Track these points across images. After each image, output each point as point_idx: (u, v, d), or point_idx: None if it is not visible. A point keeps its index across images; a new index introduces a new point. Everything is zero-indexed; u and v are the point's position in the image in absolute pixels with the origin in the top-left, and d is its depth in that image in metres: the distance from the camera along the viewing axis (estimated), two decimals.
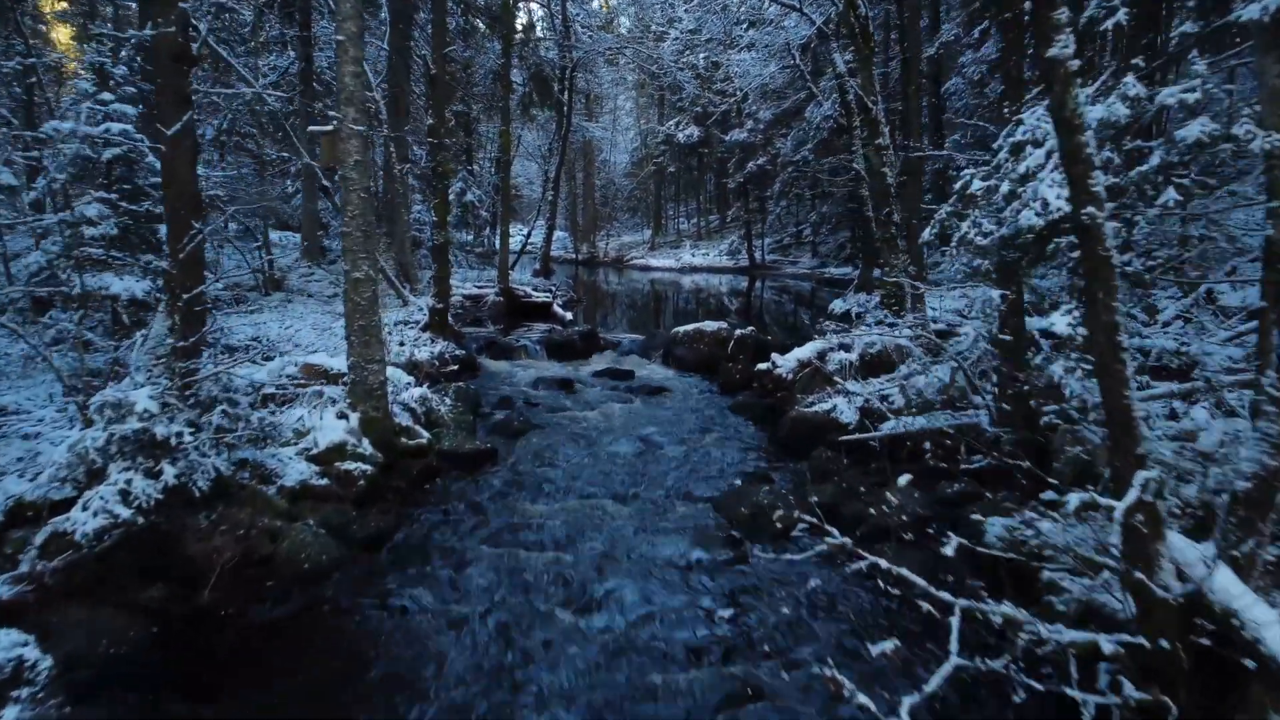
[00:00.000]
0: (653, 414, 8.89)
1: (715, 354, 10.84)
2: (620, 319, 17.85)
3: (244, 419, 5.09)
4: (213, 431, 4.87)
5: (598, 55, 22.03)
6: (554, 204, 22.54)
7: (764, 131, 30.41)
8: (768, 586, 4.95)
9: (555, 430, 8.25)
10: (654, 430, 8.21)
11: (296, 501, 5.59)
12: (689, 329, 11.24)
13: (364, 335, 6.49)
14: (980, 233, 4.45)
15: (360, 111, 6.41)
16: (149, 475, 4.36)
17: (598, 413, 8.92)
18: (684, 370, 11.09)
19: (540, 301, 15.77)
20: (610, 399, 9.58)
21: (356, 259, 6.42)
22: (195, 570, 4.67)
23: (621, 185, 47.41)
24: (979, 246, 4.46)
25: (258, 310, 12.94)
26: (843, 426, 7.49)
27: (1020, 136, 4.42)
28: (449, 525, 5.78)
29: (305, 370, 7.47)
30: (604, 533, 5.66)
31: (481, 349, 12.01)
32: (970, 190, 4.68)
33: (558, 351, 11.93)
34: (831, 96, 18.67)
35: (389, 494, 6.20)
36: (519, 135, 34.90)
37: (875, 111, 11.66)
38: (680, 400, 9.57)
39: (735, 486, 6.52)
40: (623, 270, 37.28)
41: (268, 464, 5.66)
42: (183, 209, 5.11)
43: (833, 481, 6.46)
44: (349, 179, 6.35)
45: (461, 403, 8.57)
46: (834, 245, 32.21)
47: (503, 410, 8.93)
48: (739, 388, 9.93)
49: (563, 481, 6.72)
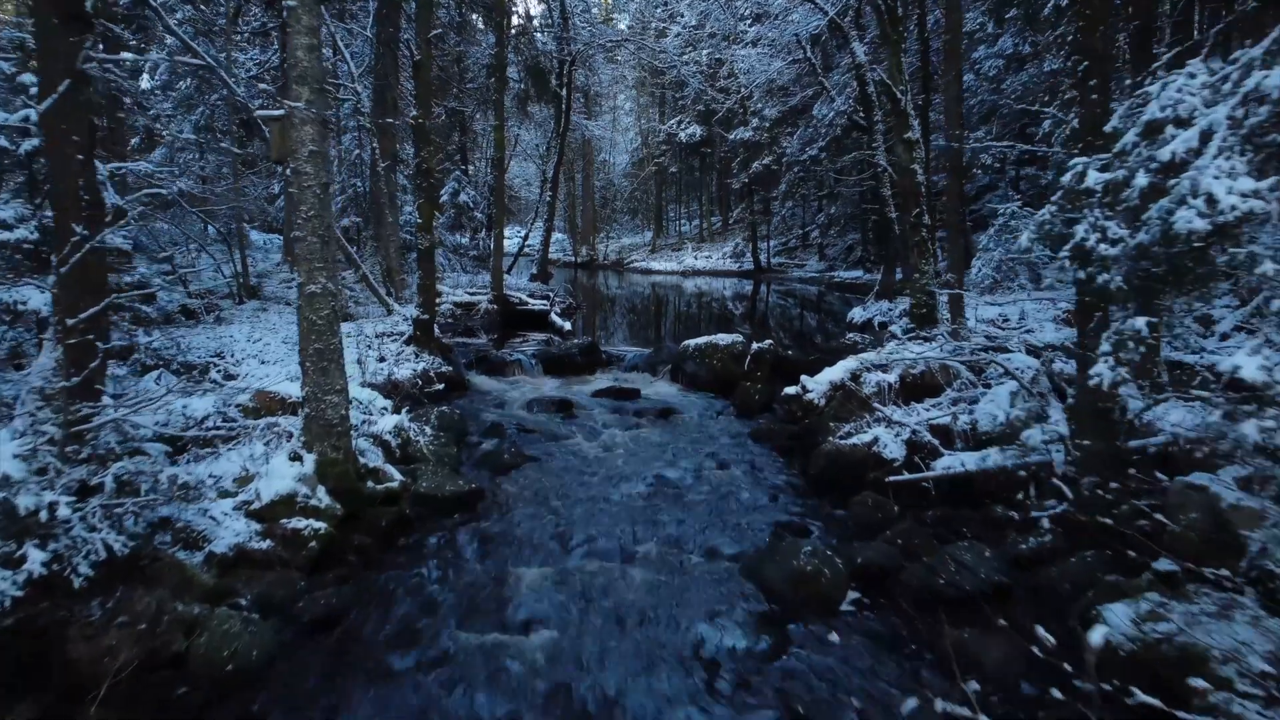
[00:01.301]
0: (663, 443, 7.81)
1: (730, 371, 9.76)
2: (622, 328, 16.77)
3: (154, 476, 4.00)
4: (109, 495, 3.79)
5: (597, 49, 20.95)
6: (552, 205, 21.48)
7: (769, 130, 29.35)
8: (819, 689, 3.88)
9: (551, 464, 7.17)
10: (665, 464, 7.13)
11: (229, 572, 4.51)
12: (700, 342, 10.16)
13: (321, 361, 5.41)
14: (1105, 239, 3.38)
15: (317, 94, 5.33)
16: (6, 564, 3.29)
17: (600, 442, 7.84)
18: (695, 388, 10.02)
19: (537, 310, 14.69)
20: (614, 424, 8.51)
21: (312, 270, 5.34)
22: (81, 678, 3.59)
23: (621, 186, 46.39)
24: (1102, 257, 3.40)
25: (228, 321, 11.86)
26: (887, 463, 6.42)
27: (1156, 114, 3.36)
28: (420, 598, 4.69)
29: (259, 399, 6.39)
30: (609, 607, 4.58)
31: (471, 364, 10.94)
32: (1085, 184, 3.61)
33: (555, 367, 10.85)
34: (845, 91, 17.62)
35: (350, 554, 5.11)
36: (516, 134, 33.84)
37: (903, 102, 10.61)
38: (693, 425, 8.49)
39: (767, 543, 5.44)
40: (623, 274, 36.22)
41: (195, 524, 4.58)
42: (67, 210, 4.04)
43: (883, 536, 5.39)
44: (302, 173, 5.28)
45: (445, 431, 7.49)
46: (842, 248, 31.16)
47: (492, 439, 7.85)
48: (758, 410, 8.86)
49: (559, 533, 5.64)
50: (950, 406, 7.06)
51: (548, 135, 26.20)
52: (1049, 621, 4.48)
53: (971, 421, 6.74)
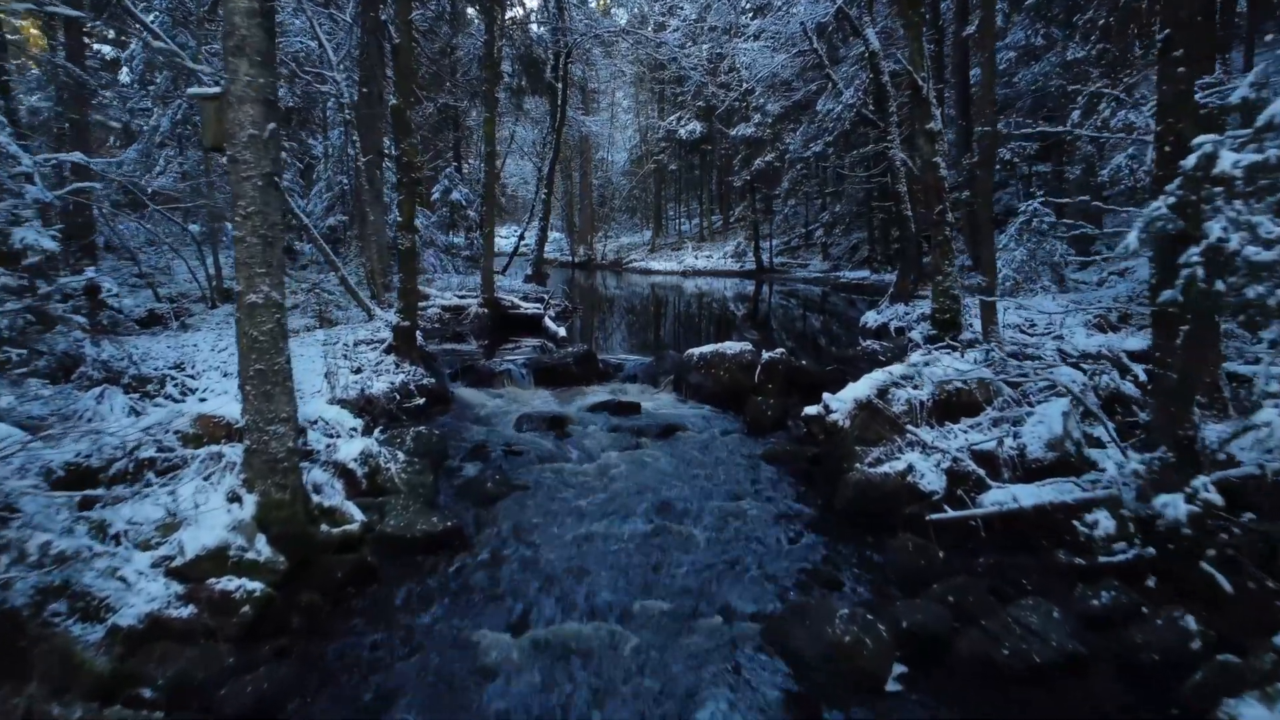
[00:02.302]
0: (667, 467, 6.98)
1: (738, 383, 8.92)
2: (621, 332, 15.92)
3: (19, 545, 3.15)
4: None
5: (594, 40, 20.08)
6: (548, 203, 20.63)
7: (772, 126, 28.53)
8: None
9: (541, 493, 6.33)
10: (671, 493, 6.30)
11: (138, 650, 3.67)
12: (705, 351, 9.32)
13: (264, 384, 4.57)
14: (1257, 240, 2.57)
15: (260, 68, 4.49)
16: None
17: (596, 465, 7.01)
18: (700, 401, 9.18)
19: (530, 314, 13.84)
20: (612, 444, 7.67)
21: (253, 275, 4.50)
22: None
23: (620, 184, 45.58)
24: (1251, 263, 2.58)
25: (195, 328, 11.02)
26: (925, 496, 5.58)
27: None
28: (373, 681, 3.85)
29: (201, 424, 5.55)
30: (602, 687, 3.75)
31: (457, 374, 10.10)
32: (1219, 170, 2.78)
33: (548, 377, 10.00)
34: (854, 83, 16.77)
35: (294, 617, 4.27)
36: (512, 131, 32.99)
37: (925, 90, 9.79)
38: (700, 445, 7.66)
39: (792, 599, 4.61)
40: (622, 274, 35.38)
41: (97, 590, 3.74)
42: None
43: (930, 591, 4.55)
44: (241, 162, 4.44)
45: (422, 456, 6.65)
46: (846, 247, 30.36)
47: (475, 462, 7.02)
48: (771, 427, 8.03)
49: (547, 584, 4.80)
50: (992, 428, 6.22)
51: (545, 132, 25.35)
52: (1144, 709, 3.67)
53: (1018, 446, 5.91)
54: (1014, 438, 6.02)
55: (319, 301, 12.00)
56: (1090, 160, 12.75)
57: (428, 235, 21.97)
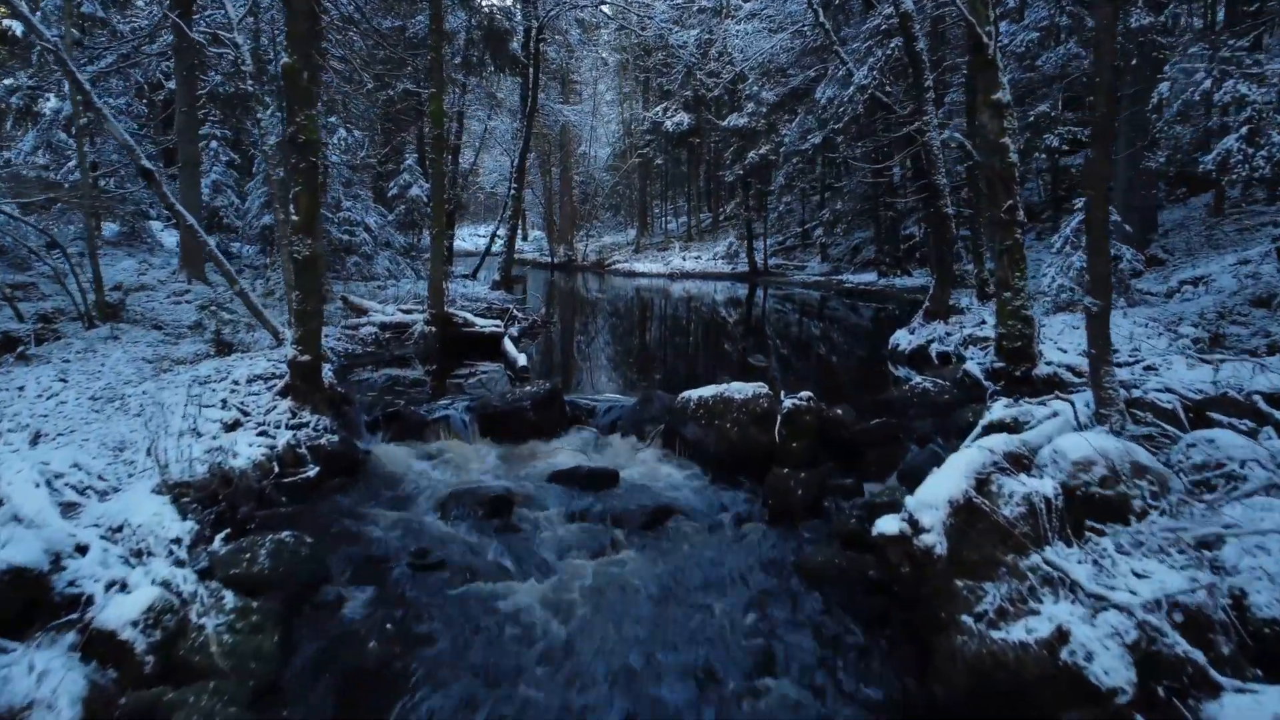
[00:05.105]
0: (654, 590, 4.63)
1: (751, 440, 6.57)
2: (599, 353, 13.49)
3: None
4: None
5: (570, 18, 17.65)
6: (518, 199, 18.20)
7: (766, 116, 26.23)
8: None
9: (458, 652, 3.95)
10: (659, 647, 3.95)
11: None
12: (706, 395, 6.94)
13: None
14: None
15: None
16: None
17: (549, 589, 4.64)
18: (699, 464, 6.82)
19: (487, 333, 11.40)
20: (577, 542, 5.32)
21: None
22: None
23: (603, 180, 43.14)
24: None
25: (40, 358, 8.50)
26: (1098, 695, 3.27)
27: None
28: None
29: None
30: None
31: (377, 423, 7.66)
32: None
33: (498, 427, 7.55)
34: (868, 60, 14.47)
35: None
36: (485, 125, 30.45)
37: (991, 49, 7.50)
38: (702, 545, 5.31)
39: None
40: (604, 276, 32.95)
41: None
42: None
43: None
44: None
45: (273, 589, 4.26)
46: (847, 248, 28.14)
47: (364, 587, 4.62)
48: (802, 511, 5.69)
49: None
50: (1174, 552, 3.91)
51: (519, 121, 22.86)
52: None
53: (1230, 593, 3.61)
54: (1214, 573, 3.72)
55: (218, 321, 9.53)
56: (1176, 142, 10.55)
57: (383, 236, 19.47)
